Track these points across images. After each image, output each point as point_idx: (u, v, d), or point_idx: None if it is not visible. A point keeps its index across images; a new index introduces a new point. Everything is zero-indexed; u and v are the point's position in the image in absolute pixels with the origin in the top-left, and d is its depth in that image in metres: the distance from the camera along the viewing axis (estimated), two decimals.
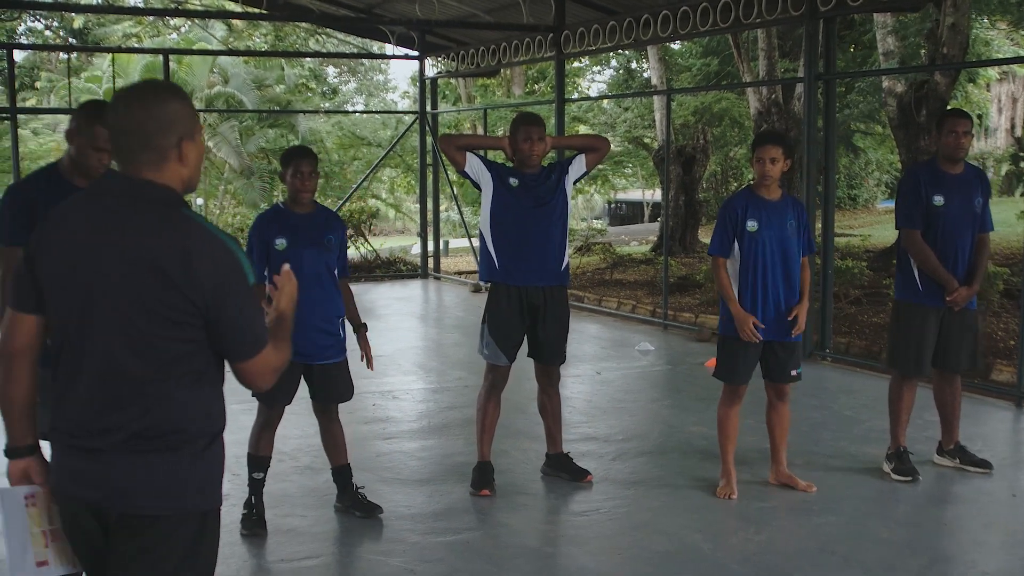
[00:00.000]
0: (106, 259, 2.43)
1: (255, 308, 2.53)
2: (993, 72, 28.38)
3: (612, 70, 29.72)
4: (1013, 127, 32.70)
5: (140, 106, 2.48)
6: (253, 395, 5.10)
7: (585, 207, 36.75)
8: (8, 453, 2.65)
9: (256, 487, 5.22)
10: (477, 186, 5.76)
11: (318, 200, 5.34)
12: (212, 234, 2.47)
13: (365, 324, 5.38)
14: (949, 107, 13.11)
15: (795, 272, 5.56)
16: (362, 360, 5.32)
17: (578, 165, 5.81)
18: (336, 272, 5.21)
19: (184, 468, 2.52)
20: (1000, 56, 22.64)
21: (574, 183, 5.84)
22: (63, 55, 30.37)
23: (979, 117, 26.51)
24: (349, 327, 5.32)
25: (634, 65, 27.31)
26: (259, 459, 5.22)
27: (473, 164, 5.68)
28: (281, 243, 5.06)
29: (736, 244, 5.52)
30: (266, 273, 5.05)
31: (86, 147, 3.98)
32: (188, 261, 2.39)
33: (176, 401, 2.49)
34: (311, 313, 5.05)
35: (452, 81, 26.46)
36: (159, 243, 2.41)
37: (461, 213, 17.81)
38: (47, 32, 29.92)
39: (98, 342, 2.46)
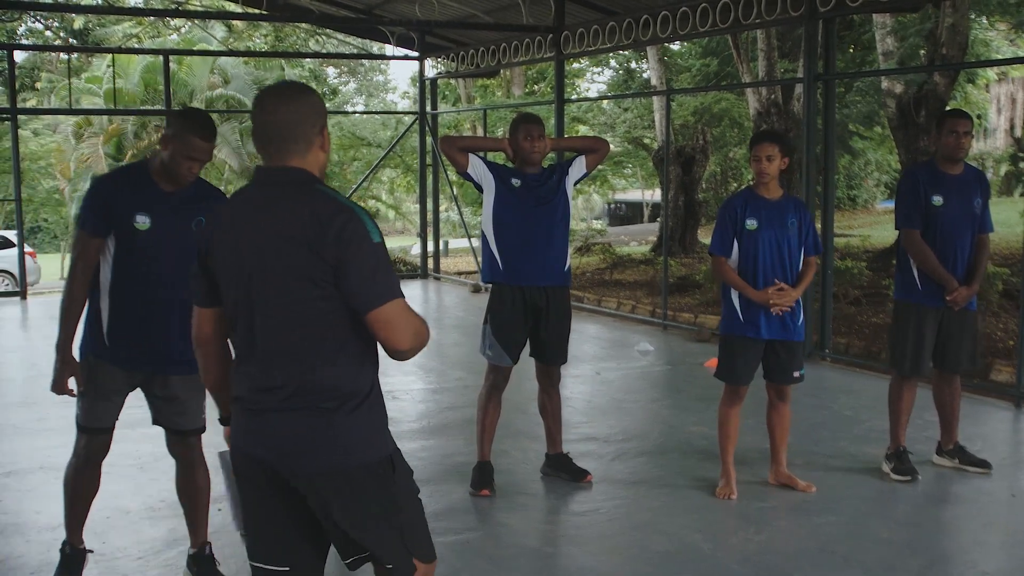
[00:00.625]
0: (258, 239, 2.75)
1: (381, 262, 2.75)
2: (992, 73, 28.37)
3: (612, 71, 29.74)
4: (1012, 127, 32.65)
5: (288, 101, 2.80)
6: None
7: (585, 207, 36.76)
8: (223, 421, 3.09)
9: None
10: (479, 188, 5.76)
11: None
12: (336, 199, 2.76)
13: None
14: (948, 107, 13.13)
15: (796, 272, 5.55)
16: None
17: (578, 166, 5.82)
18: None
19: (341, 425, 2.79)
20: (999, 57, 22.65)
21: (574, 184, 5.86)
22: (63, 56, 30.39)
23: (978, 117, 26.51)
24: None
25: (634, 65, 27.33)
26: None
27: (476, 166, 5.69)
28: None
29: (736, 243, 5.52)
30: None
31: (178, 155, 3.99)
32: (316, 221, 2.69)
33: (327, 361, 2.78)
34: None
35: (452, 82, 26.46)
36: (294, 213, 2.73)
37: (461, 213, 17.81)
38: (47, 33, 29.96)
39: (261, 313, 2.78)
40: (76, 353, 4.19)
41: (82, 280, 4.09)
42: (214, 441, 3.76)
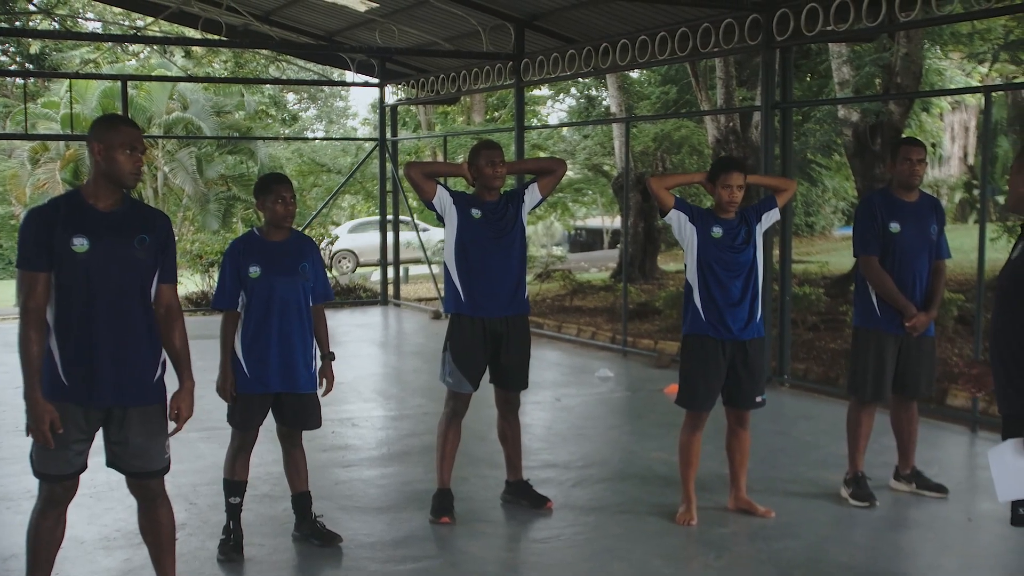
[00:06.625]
0: None
1: None
2: (946, 102, 28.81)
3: (572, 99, 29.90)
4: (966, 155, 33.25)
5: None
6: (228, 420, 5.10)
7: (545, 234, 36.80)
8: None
9: (233, 512, 5.18)
10: (441, 220, 5.76)
11: None
12: None
13: (333, 353, 5.34)
14: (903, 136, 13.31)
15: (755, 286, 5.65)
16: (320, 385, 5.27)
17: (532, 193, 5.84)
18: (312, 298, 5.18)
19: None
20: (953, 86, 23.00)
21: (530, 211, 5.87)
22: (19, 80, 30.11)
23: (932, 146, 26.88)
24: None
25: (594, 93, 27.48)
26: (235, 484, 5.18)
27: (442, 197, 5.68)
28: (255, 271, 5.03)
29: (695, 258, 5.58)
30: (240, 300, 5.04)
31: (115, 149, 3.91)
32: None
33: None
34: (285, 341, 5.03)
35: (412, 108, 26.50)
36: None
37: (421, 240, 17.76)
38: (3, 57, 29.69)
39: None
40: None
41: (36, 321, 3.87)
42: (177, 469, 3.68)
